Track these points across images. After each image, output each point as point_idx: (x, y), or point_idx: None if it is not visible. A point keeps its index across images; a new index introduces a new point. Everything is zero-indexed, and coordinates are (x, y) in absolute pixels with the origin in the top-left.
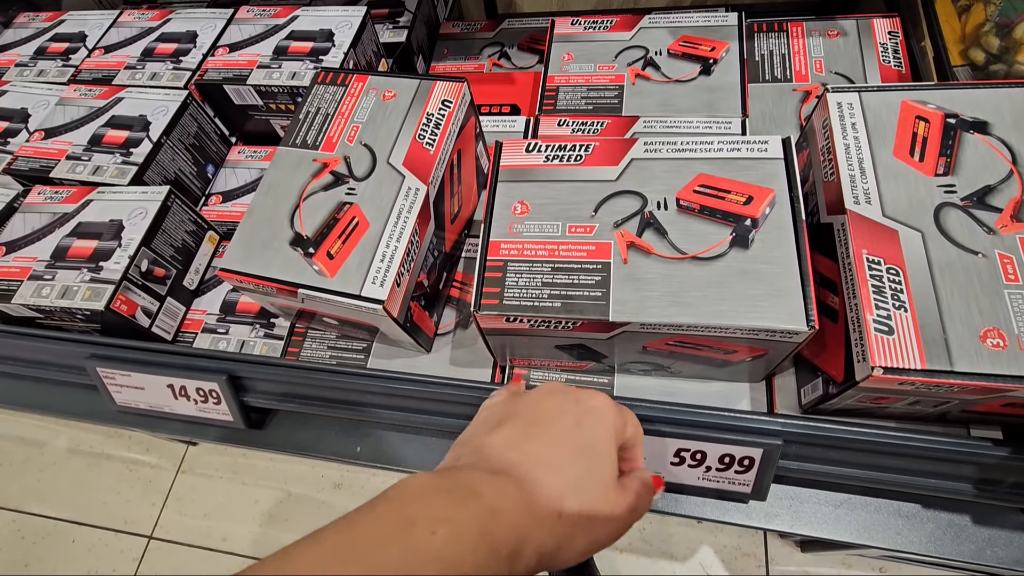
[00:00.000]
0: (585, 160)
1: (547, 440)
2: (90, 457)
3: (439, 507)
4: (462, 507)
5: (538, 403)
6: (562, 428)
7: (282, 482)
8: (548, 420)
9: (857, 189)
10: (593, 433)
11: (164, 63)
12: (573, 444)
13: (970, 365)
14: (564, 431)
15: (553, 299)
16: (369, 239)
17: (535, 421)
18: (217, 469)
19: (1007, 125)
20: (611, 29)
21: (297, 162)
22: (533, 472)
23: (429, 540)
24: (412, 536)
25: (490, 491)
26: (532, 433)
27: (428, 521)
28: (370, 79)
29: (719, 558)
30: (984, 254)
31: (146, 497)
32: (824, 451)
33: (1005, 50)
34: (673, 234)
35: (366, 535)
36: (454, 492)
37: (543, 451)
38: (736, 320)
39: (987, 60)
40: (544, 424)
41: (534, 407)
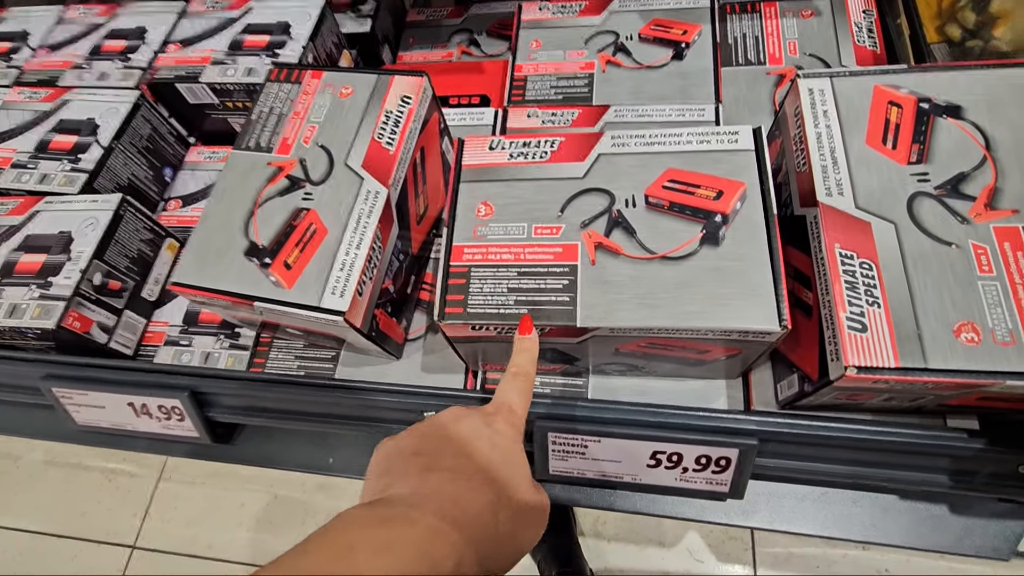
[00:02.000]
0: (551, 156)
1: (470, 459)
2: (67, 468)
3: (378, 535)
4: (400, 532)
5: (453, 428)
6: (480, 446)
7: (267, 485)
8: (467, 440)
9: (829, 180)
10: (508, 447)
11: (113, 61)
12: (494, 458)
13: (944, 362)
14: (483, 449)
15: (519, 305)
16: (328, 247)
17: (454, 443)
18: (199, 475)
19: (980, 109)
20: (580, 13)
21: (250, 166)
22: (463, 489)
23: (372, 562)
24: (355, 561)
25: (424, 515)
26: (454, 453)
27: (370, 547)
28: (325, 75)
29: (706, 543)
30: (958, 245)
31: (127, 507)
32: (801, 448)
33: (981, 25)
34: (642, 233)
35: (313, 563)
36: (390, 521)
37: (470, 468)
38: (707, 322)
39: (963, 36)
40: (463, 444)
41: (449, 432)
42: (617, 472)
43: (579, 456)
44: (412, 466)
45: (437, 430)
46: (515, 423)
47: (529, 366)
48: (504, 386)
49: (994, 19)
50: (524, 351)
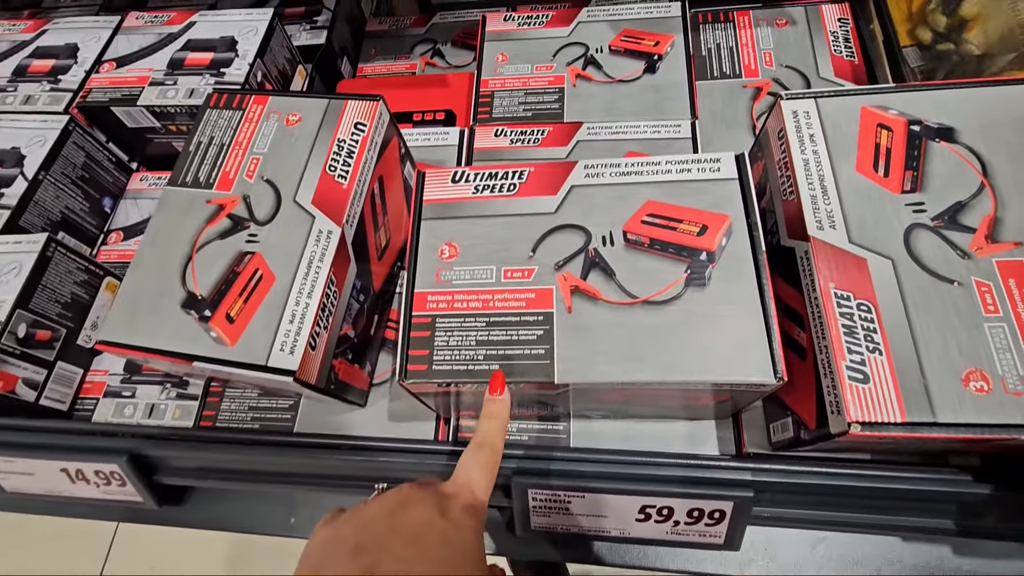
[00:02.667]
0: (519, 189)
1: (416, 562)
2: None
3: None
4: None
5: (400, 518)
6: (430, 543)
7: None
8: (415, 536)
9: (820, 212)
10: (463, 542)
11: (40, 83)
12: (445, 558)
13: (954, 415)
14: (432, 547)
15: (490, 360)
16: (276, 295)
17: (400, 538)
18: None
19: (974, 131)
20: (547, 24)
21: (188, 204)
22: None
23: None
24: None
25: None
26: (398, 555)
27: None
28: (271, 100)
29: None
30: (960, 282)
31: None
32: (798, 496)
33: (952, 28)
34: (621, 274)
35: None
36: None
37: (415, 572)
38: (696, 375)
39: (934, 39)
40: (411, 540)
41: (396, 524)
42: (604, 527)
43: (562, 512)
44: (348, 566)
45: (383, 520)
46: (475, 507)
47: (497, 435)
48: (467, 459)
49: (964, 22)
50: (492, 417)
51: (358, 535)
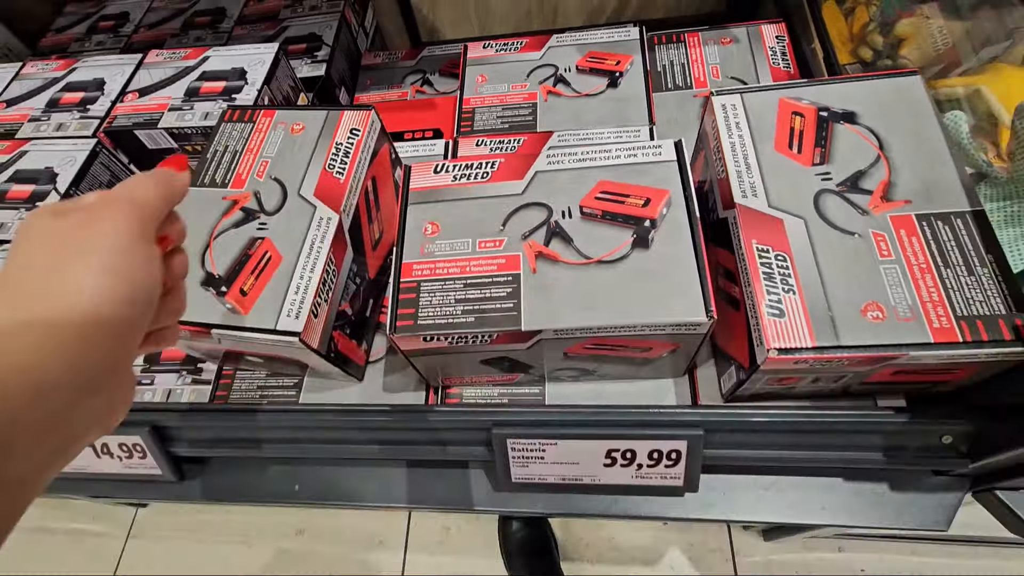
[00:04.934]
0: (492, 176)
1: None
2: (28, 533)
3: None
4: None
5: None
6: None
7: (240, 535)
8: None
9: (744, 184)
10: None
11: (71, 113)
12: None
13: (854, 338)
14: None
15: (467, 314)
16: (282, 272)
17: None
18: (171, 530)
19: (873, 114)
20: (522, 50)
21: (206, 201)
22: None
23: None
24: None
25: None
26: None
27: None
28: (278, 114)
29: (687, 556)
30: (860, 234)
31: (94, 568)
32: (745, 436)
33: (890, 46)
34: (578, 241)
35: None
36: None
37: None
38: (642, 318)
39: (875, 56)
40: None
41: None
42: (576, 474)
43: (538, 461)
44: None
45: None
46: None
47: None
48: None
49: (899, 41)
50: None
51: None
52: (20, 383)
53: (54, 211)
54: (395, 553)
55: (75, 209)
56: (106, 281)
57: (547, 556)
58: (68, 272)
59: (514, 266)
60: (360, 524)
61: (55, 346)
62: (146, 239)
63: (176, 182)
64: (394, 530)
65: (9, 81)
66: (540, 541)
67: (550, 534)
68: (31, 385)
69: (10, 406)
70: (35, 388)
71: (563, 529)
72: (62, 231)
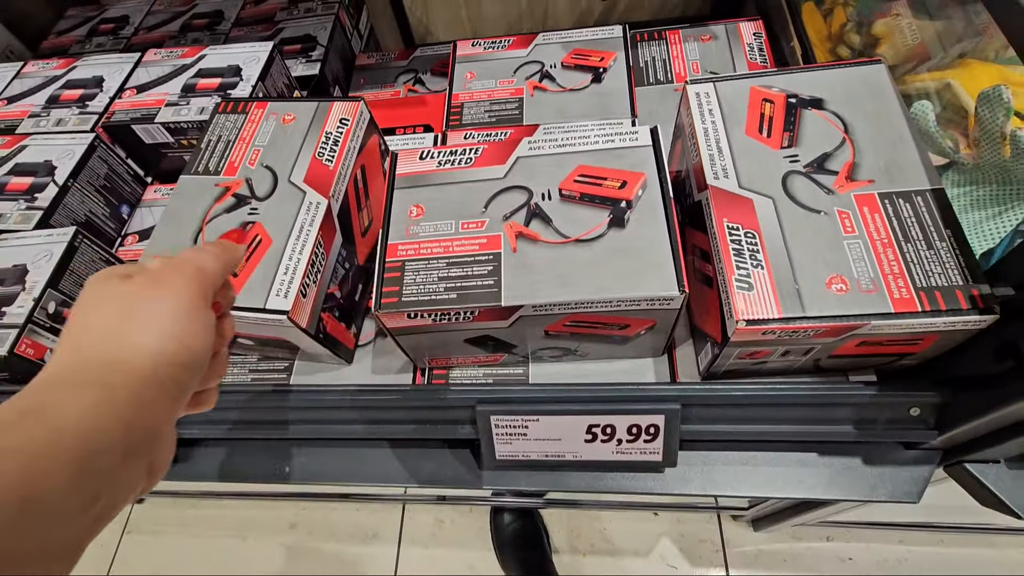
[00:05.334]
0: (475, 162)
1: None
2: None
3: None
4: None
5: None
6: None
7: (235, 529)
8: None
9: (716, 166)
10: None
11: (70, 109)
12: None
13: (819, 309)
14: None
15: (449, 292)
16: (272, 254)
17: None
18: (166, 524)
19: (839, 100)
20: (509, 48)
21: (199, 188)
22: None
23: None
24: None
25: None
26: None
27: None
28: (270, 105)
29: (678, 547)
30: (826, 212)
31: (88, 564)
32: (721, 410)
33: (867, 45)
34: (557, 221)
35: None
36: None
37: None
38: (617, 293)
39: (852, 55)
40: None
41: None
42: (558, 451)
43: (521, 437)
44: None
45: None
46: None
47: (210, 255)
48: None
49: (876, 40)
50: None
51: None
52: (76, 440)
53: (120, 274)
54: (389, 546)
55: (140, 273)
56: (166, 345)
57: (539, 548)
58: (130, 334)
59: (495, 246)
60: (354, 517)
61: (111, 408)
62: (205, 306)
63: (235, 254)
64: (388, 523)
65: (10, 80)
66: (532, 533)
67: (542, 526)
68: (86, 445)
69: (65, 470)
70: (89, 449)
71: (555, 521)
72: (127, 294)
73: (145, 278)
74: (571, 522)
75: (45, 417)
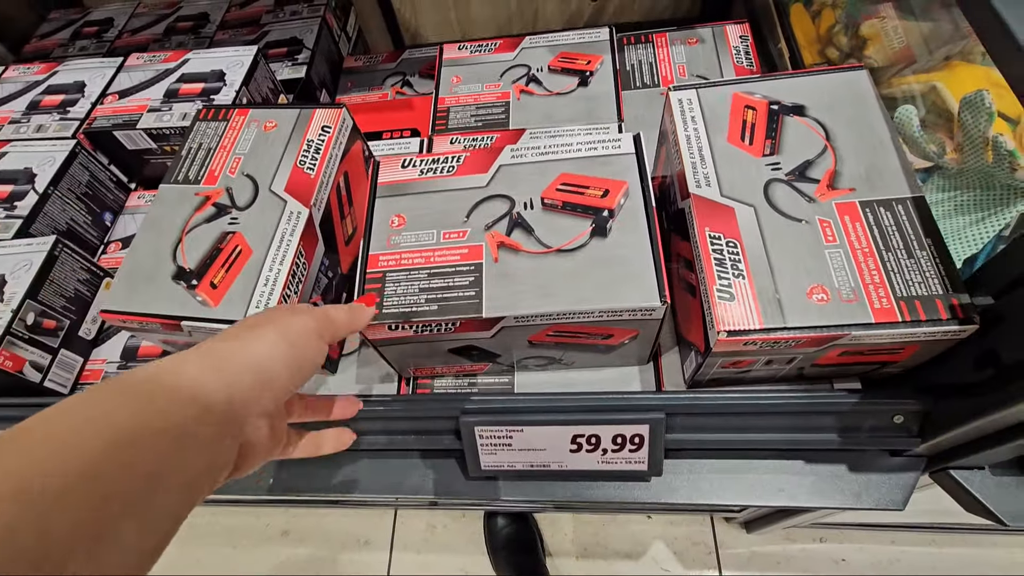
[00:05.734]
0: (457, 170)
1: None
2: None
3: None
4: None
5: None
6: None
7: (226, 537)
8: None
9: (698, 174)
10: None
11: (51, 115)
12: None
13: (800, 320)
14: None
15: (430, 303)
16: (252, 265)
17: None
18: None
19: (820, 107)
20: (495, 51)
21: (179, 197)
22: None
23: None
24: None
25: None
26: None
27: None
28: (251, 112)
29: (671, 550)
30: (807, 221)
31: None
32: (706, 419)
33: (855, 47)
34: (539, 231)
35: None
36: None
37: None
38: (599, 304)
39: (841, 57)
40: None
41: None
42: (544, 461)
43: (506, 448)
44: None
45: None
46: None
47: (344, 314)
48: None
49: (864, 41)
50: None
51: None
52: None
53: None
54: (381, 552)
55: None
56: (279, 345)
57: (532, 552)
58: (256, 333)
59: (477, 256)
60: (345, 524)
61: (229, 380)
62: (321, 339)
63: (363, 314)
64: (380, 529)
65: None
66: (525, 537)
67: (535, 530)
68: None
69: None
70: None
71: (548, 524)
72: (262, 314)
73: (282, 307)
74: (564, 525)
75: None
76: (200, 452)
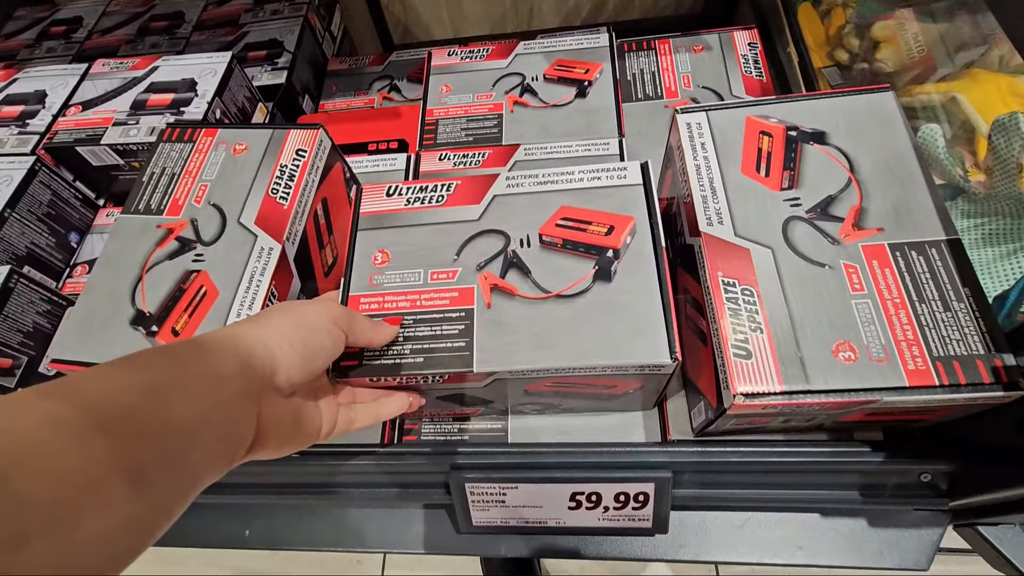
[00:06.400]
0: (447, 200)
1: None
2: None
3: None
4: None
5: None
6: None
7: (214, 558)
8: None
9: (710, 210)
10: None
11: (8, 128)
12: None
13: (825, 382)
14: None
15: (415, 354)
16: (219, 309)
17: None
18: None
19: (842, 133)
20: (487, 58)
21: (139, 230)
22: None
23: None
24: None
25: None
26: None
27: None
28: (220, 132)
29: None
30: (830, 265)
31: None
32: (716, 476)
33: (866, 49)
34: (536, 272)
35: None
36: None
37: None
38: (601, 359)
39: (851, 59)
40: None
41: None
42: (540, 517)
43: (499, 504)
44: None
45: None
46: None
47: (370, 327)
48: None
49: (875, 43)
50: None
51: None
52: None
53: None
54: (373, 573)
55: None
56: (285, 327)
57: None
58: (266, 315)
59: (468, 300)
60: None
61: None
62: (336, 326)
63: (384, 331)
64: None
65: None
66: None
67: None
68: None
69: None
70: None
71: None
72: (279, 304)
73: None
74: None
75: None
76: (228, 406)
